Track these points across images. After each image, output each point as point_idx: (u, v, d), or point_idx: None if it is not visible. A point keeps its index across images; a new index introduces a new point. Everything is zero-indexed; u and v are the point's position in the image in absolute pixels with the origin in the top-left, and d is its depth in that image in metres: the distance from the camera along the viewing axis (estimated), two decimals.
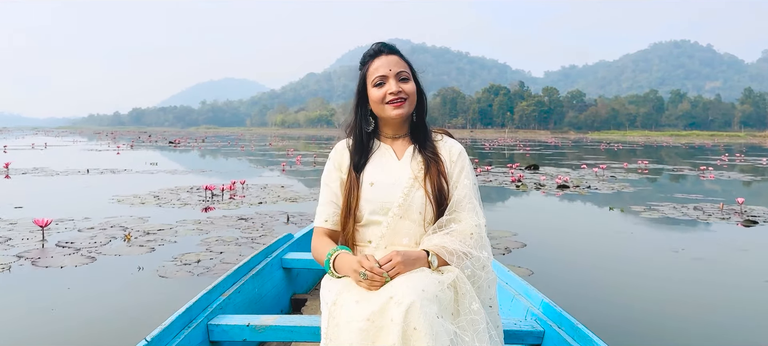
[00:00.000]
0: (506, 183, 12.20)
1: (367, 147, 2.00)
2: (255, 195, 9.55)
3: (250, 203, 8.64)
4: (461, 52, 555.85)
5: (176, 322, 2.10)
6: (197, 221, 6.92)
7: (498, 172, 15.25)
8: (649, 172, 16.40)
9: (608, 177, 13.84)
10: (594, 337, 2.01)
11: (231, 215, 7.44)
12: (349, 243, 1.95)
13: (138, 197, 9.14)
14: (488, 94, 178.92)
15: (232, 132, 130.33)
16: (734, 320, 3.71)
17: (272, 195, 9.59)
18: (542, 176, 13.32)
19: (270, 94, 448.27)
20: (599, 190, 11.01)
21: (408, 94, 1.92)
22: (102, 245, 5.46)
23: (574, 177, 13.52)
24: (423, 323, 1.50)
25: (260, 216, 7.32)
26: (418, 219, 1.88)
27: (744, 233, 6.81)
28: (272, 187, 10.95)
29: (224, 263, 4.79)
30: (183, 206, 8.17)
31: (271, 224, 6.77)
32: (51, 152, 24.95)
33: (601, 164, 16.53)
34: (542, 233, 6.70)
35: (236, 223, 6.80)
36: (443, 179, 1.91)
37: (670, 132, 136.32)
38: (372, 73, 1.94)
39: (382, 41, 2.00)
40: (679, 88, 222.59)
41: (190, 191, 10.10)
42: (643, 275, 4.82)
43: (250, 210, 7.88)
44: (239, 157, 22.98)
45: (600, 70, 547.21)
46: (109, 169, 14.81)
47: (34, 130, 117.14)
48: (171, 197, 9.11)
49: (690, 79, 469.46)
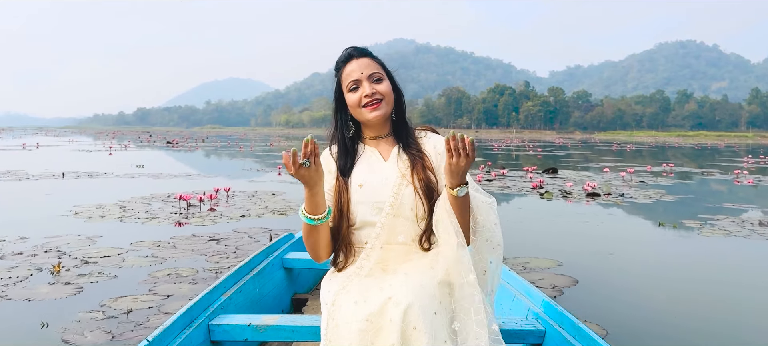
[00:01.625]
0: (527, 190, 10.82)
1: (352, 151, 1.96)
2: (239, 206, 8.20)
3: (230, 216, 7.30)
4: (466, 52, 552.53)
5: (177, 322, 2.08)
6: (156, 242, 5.56)
7: (514, 176, 13.86)
8: (675, 175, 15.04)
9: (637, 182, 12.45)
10: (595, 336, 1.97)
11: (202, 233, 6.09)
12: (345, 246, 1.90)
13: (101, 208, 7.81)
14: (493, 94, 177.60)
15: (236, 132, 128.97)
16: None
17: (259, 205, 8.25)
18: (568, 183, 11.92)
19: (274, 94, 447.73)
20: (635, 199, 9.62)
21: (383, 94, 1.89)
22: (17, 281, 4.13)
23: (600, 182, 12.12)
24: (422, 322, 1.53)
25: (237, 236, 5.97)
26: (411, 216, 1.85)
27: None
28: (262, 194, 9.61)
29: (161, 314, 3.44)
30: (149, 221, 6.83)
31: (248, 246, 5.42)
32: (39, 153, 23.63)
33: (628, 168, 15.00)
34: (591, 260, 5.29)
35: (204, 246, 5.44)
36: (430, 172, 1.89)
37: (677, 132, 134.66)
38: (345, 78, 1.91)
39: (353, 46, 1.97)
40: (685, 89, 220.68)
41: (166, 200, 8.75)
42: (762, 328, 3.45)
43: (228, 227, 6.53)
44: (236, 159, 21.62)
45: (605, 70, 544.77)
46: (88, 173, 13.46)
47: (37, 129, 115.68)
48: (139, 209, 7.77)
49: (696, 79, 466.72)
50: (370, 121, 1.90)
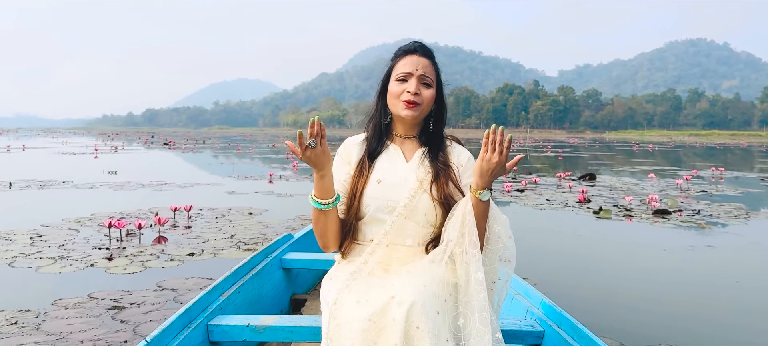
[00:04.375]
0: (572, 204, 8.62)
1: (384, 138, 1.92)
2: (196, 234, 6.08)
3: (176, 251, 5.17)
4: (474, 52, 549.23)
5: (176, 322, 2.01)
6: (22, 310, 3.45)
7: (548, 184, 11.65)
8: (731, 181, 12.84)
9: (698, 192, 10.25)
10: (594, 337, 1.92)
11: (113, 288, 3.96)
12: (350, 238, 1.84)
13: (8, 237, 5.71)
14: (502, 94, 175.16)
15: (243, 132, 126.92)
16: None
17: (224, 232, 6.13)
18: (627, 197, 9.68)
19: (282, 94, 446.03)
20: (717, 217, 7.42)
21: (424, 99, 1.84)
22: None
23: (653, 192, 9.92)
24: (425, 321, 1.49)
25: (157, 296, 3.80)
26: (423, 221, 1.80)
27: None
28: (236, 213, 7.49)
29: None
30: (52, 264, 4.70)
31: (163, 312, 3.28)
32: (18, 157, 21.65)
33: (685, 175, 12.50)
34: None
35: (96, 321, 3.31)
36: (454, 185, 1.83)
37: (689, 131, 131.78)
38: (400, 67, 1.86)
39: (420, 42, 1.91)
40: (696, 87, 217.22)
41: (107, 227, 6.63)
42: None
43: (157, 276, 4.38)
44: (228, 162, 19.49)
45: (615, 68, 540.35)
46: (42, 183, 11.36)
47: (45, 131, 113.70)
48: (56, 240, 5.65)
49: (706, 77, 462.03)
50: (400, 117, 1.87)
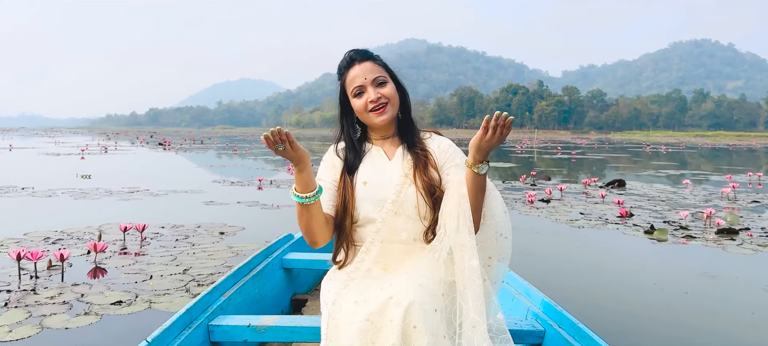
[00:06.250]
0: (612, 219, 7.24)
1: (359, 151, 1.94)
2: (145, 263, 4.76)
3: (99, 296, 3.86)
4: (477, 52, 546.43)
5: (177, 323, 2.01)
6: None
7: (575, 192, 10.28)
8: (763, 186, 11.53)
9: (749, 204, 8.88)
10: (595, 336, 1.92)
11: None
12: (346, 244, 1.87)
13: None
14: (506, 94, 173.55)
15: (245, 132, 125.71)
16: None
17: (177, 264, 4.79)
18: (682, 212, 8.30)
19: (286, 94, 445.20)
20: None
21: (388, 97, 1.87)
22: None
23: (698, 201, 8.57)
24: (422, 321, 1.50)
25: None
26: (413, 213, 1.82)
27: None
28: (204, 232, 6.16)
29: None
30: None
31: None
32: (2, 158, 20.45)
33: (732, 183, 10.85)
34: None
35: None
36: (434, 170, 1.87)
37: (695, 132, 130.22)
38: (349, 84, 1.89)
39: (355, 48, 1.93)
40: (701, 88, 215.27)
41: (15, 259, 5.30)
42: None
43: (58, 342, 3.07)
44: (219, 164, 18.14)
45: (619, 69, 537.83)
46: None
47: (47, 130, 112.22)
48: None
49: (711, 78, 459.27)
50: (377, 125, 1.90)
